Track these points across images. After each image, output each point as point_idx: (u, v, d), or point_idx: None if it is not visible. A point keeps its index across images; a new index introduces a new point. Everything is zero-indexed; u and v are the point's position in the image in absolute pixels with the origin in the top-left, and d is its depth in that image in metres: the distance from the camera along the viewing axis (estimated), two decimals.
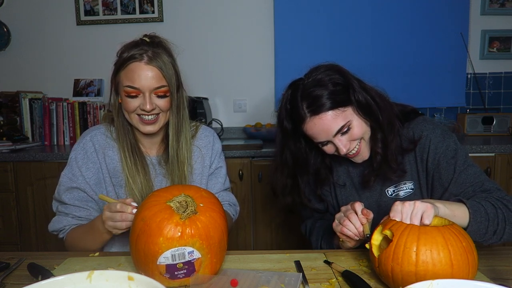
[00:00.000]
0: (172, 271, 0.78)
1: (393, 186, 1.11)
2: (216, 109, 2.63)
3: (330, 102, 0.98)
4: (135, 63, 1.06)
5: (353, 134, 1.02)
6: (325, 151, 1.07)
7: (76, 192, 1.13)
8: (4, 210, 2.10)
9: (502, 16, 2.54)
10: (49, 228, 1.15)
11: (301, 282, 0.81)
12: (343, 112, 1.00)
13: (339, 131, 1.00)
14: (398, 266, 0.74)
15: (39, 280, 0.77)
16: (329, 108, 0.99)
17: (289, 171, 1.15)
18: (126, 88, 1.08)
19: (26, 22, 2.61)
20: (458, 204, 0.90)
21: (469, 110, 2.57)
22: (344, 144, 1.01)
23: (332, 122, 0.99)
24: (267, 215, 2.09)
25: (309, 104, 1.00)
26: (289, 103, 1.06)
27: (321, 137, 1.02)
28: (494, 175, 2.03)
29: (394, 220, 0.82)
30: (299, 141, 1.11)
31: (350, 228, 0.94)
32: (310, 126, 1.01)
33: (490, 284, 0.57)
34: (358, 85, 1.03)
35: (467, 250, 0.73)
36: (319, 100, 0.98)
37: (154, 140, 1.21)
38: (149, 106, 1.07)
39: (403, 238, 0.75)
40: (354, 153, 1.04)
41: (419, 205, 0.81)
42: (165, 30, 2.56)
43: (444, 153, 1.05)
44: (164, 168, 1.19)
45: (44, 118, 2.44)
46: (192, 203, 0.81)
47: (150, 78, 1.07)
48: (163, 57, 1.09)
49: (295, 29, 2.52)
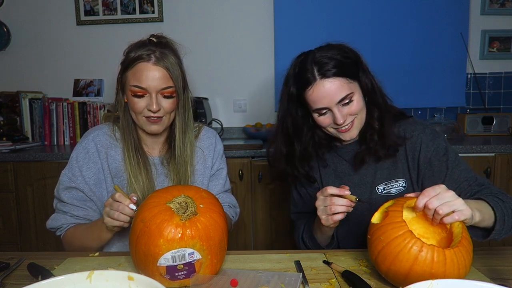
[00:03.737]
0: (173, 272, 0.78)
1: (383, 184, 1.12)
2: (216, 109, 2.63)
3: (340, 70, 1.03)
4: (143, 63, 1.07)
5: (353, 107, 1.05)
6: (320, 123, 1.09)
7: (75, 191, 1.13)
8: (4, 210, 2.10)
9: (502, 16, 2.54)
10: (47, 225, 1.16)
11: (301, 282, 0.81)
12: (349, 84, 1.04)
13: (342, 100, 1.03)
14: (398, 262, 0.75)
15: (39, 280, 0.77)
16: (338, 74, 1.02)
17: (287, 138, 1.17)
18: (133, 87, 1.08)
19: (26, 22, 2.61)
20: (486, 206, 0.91)
21: (469, 110, 2.57)
22: (342, 115, 1.04)
23: (338, 89, 1.02)
24: (267, 215, 2.09)
25: (320, 67, 1.03)
26: (298, 67, 1.09)
27: (324, 102, 1.04)
28: (494, 175, 2.03)
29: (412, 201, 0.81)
30: (300, 108, 1.14)
31: (340, 203, 0.96)
32: (316, 89, 1.03)
33: (490, 284, 0.57)
34: (366, 67, 1.09)
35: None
36: (330, 65, 1.02)
37: (157, 140, 1.21)
38: (155, 106, 1.07)
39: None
40: (347, 128, 1.07)
41: (459, 202, 0.78)
42: (165, 30, 2.54)
43: (435, 151, 1.08)
44: (166, 168, 1.20)
45: (44, 118, 2.44)
46: (192, 204, 0.81)
47: (157, 78, 1.07)
48: (170, 58, 1.09)
49: (295, 29, 2.52)
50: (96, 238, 1.06)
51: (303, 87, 1.06)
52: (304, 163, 1.17)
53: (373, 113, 1.10)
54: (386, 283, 0.82)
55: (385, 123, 1.09)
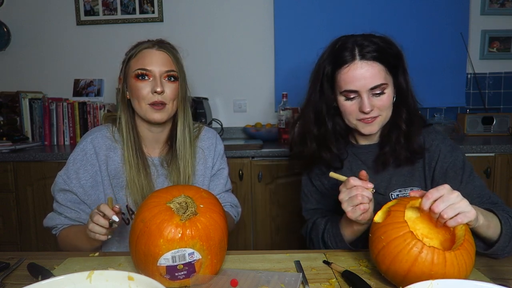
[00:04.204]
0: (172, 272, 0.78)
1: (397, 191, 1.10)
2: (216, 109, 2.63)
3: (381, 56, 1.00)
4: (147, 49, 1.12)
5: (383, 100, 1.02)
6: (344, 108, 1.05)
7: (69, 194, 1.14)
8: (4, 210, 2.10)
9: (502, 16, 2.54)
10: (43, 223, 1.17)
11: (301, 282, 0.81)
12: (386, 74, 1.02)
13: (375, 88, 1.00)
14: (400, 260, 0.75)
15: (39, 280, 0.77)
16: (378, 60, 1.00)
17: (319, 117, 1.11)
18: (138, 70, 1.10)
19: (26, 22, 2.61)
20: (492, 216, 0.90)
21: (469, 110, 2.57)
22: (370, 105, 1.01)
23: (375, 74, 1.00)
24: (267, 215, 2.09)
25: (362, 48, 1.00)
26: (339, 45, 1.05)
27: (357, 85, 1.00)
28: (494, 175, 2.03)
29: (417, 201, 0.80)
30: (330, 90, 1.09)
31: (365, 193, 0.90)
32: (353, 68, 1.00)
33: (490, 284, 0.57)
34: (406, 66, 1.07)
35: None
36: (372, 48, 1.00)
37: (158, 139, 1.21)
38: (160, 88, 1.09)
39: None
40: (370, 120, 1.04)
41: (464, 204, 0.76)
42: (165, 30, 2.58)
43: (453, 163, 1.06)
44: (166, 169, 1.19)
45: (44, 118, 2.44)
46: (192, 204, 0.81)
47: (161, 60, 1.11)
48: (172, 49, 1.15)
49: (295, 29, 2.52)
50: (85, 243, 1.05)
51: (340, 65, 1.02)
52: (337, 143, 1.13)
53: (402, 114, 1.07)
54: (386, 283, 0.82)
55: (414, 126, 1.07)
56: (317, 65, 1.11)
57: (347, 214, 0.92)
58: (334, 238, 1.05)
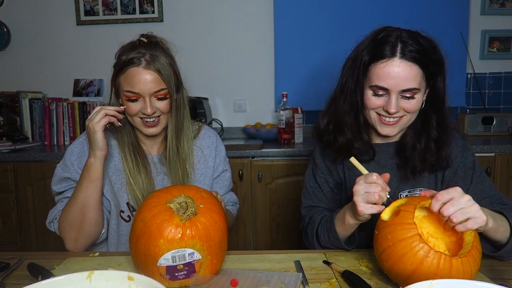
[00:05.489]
0: (173, 273, 0.78)
1: (406, 191, 1.09)
2: (216, 109, 2.63)
3: (421, 59, 0.96)
4: (134, 68, 1.07)
5: (411, 104, 0.99)
6: (369, 102, 1.01)
7: (69, 181, 1.13)
8: (4, 210, 2.10)
9: (502, 16, 2.54)
10: (46, 224, 1.15)
11: (301, 282, 0.81)
12: (422, 79, 0.98)
13: (406, 91, 0.97)
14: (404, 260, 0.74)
15: (39, 280, 0.77)
16: (418, 62, 0.96)
17: (356, 106, 1.06)
18: (126, 93, 1.09)
19: (26, 22, 2.61)
20: (502, 218, 0.89)
21: (469, 110, 2.57)
22: (397, 106, 0.98)
23: (410, 77, 0.96)
24: (267, 215, 2.09)
25: (404, 46, 0.96)
26: (381, 35, 1.00)
27: (389, 83, 0.96)
28: (494, 175, 2.03)
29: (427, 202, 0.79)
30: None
31: (383, 194, 0.87)
32: (390, 65, 0.96)
33: (490, 284, 0.57)
34: (445, 75, 1.04)
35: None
36: (414, 48, 0.96)
37: (155, 139, 1.22)
38: (150, 109, 1.08)
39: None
40: (394, 121, 1.01)
41: (474, 209, 0.74)
42: (165, 30, 2.57)
43: (463, 163, 1.06)
44: (165, 166, 1.20)
45: (44, 118, 2.44)
46: (192, 204, 0.81)
47: (149, 82, 1.07)
48: (161, 59, 1.09)
49: (295, 29, 2.52)
50: (86, 178, 1.05)
51: (378, 57, 0.97)
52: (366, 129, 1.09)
53: (432, 120, 1.03)
54: (386, 283, 0.82)
55: (445, 134, 1.03)
56: (354, 52, 1.06)
57: (357, 207, 0.87)
58: (327, 231, 1.02)
